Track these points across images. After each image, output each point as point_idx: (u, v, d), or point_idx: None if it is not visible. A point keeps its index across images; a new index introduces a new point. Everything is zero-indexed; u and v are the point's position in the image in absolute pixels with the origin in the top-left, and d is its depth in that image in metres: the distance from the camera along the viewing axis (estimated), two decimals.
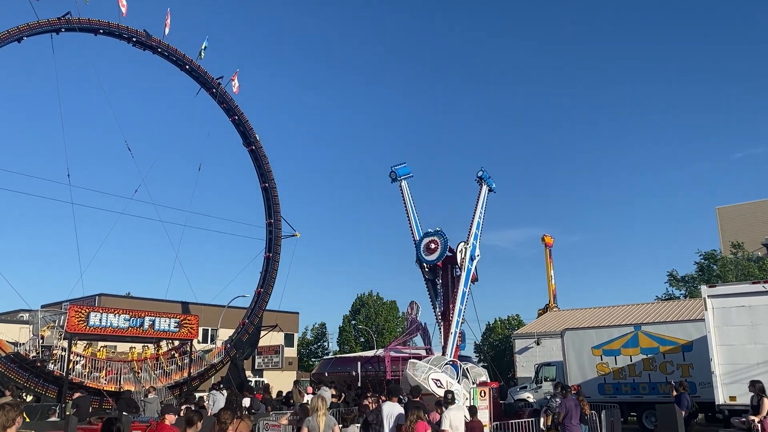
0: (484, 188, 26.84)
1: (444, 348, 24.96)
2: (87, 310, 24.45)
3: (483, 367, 44.41)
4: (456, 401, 12.84)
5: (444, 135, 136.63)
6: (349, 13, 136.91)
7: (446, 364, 20.66)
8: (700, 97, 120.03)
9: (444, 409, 11.05)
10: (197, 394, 25.17)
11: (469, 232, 25.64)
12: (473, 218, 26.06)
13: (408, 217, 26.81)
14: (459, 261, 25.02)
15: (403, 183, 27.42)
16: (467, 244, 25.27)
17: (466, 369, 22.88)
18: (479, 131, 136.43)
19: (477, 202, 26.55)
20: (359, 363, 28.81)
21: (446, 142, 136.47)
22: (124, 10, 30.11)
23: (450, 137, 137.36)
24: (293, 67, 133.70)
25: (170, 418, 7.81)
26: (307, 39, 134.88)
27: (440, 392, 18.34)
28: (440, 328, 27.82)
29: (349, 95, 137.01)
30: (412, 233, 26.29)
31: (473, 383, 21.59)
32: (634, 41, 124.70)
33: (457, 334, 25.01)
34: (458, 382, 19.64)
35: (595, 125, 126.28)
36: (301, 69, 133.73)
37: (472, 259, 25.32)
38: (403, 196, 27.32)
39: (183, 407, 17.28)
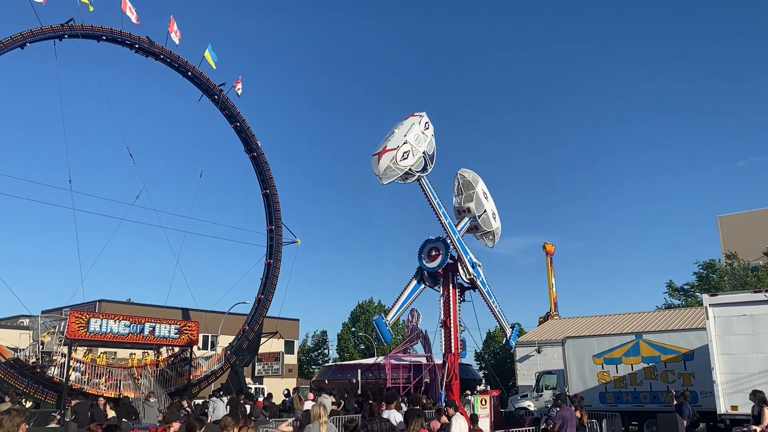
0: (508, 334, 27.82)
1: (446, 355, 24.93)
2: (87, 316, 24.46)
3: (484, 375, 44.47)
4: (453, 401, 12.85)
5: (444, 140, 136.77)
6: (351, 19, 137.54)
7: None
8: (703, 103, 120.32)
9: (447, 417, 11.04)
10: (197, 401, 25.15)
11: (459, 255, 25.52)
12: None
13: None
14: (461, 270, 25.02)
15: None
16: (463, 263, 25.18)
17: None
18: (480, 137, 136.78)
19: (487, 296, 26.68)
20: (359, 370, 28.75)
21: (446, 148, 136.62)
22: (133, 17, 30.25)
23: (450, 142, 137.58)
24: (294, 73, 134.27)
25: (175, 426, 7.79)
26: (307, 45, 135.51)
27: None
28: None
29: (351, 101, 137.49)
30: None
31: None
32: (637, 44, 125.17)
33: (458, 341, 24.97)
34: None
35: (597, 132, 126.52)
36: (302, 75, 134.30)
37: (474, 265, 25.33)
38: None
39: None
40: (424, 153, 23.85)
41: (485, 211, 27.11)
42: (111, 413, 16.37)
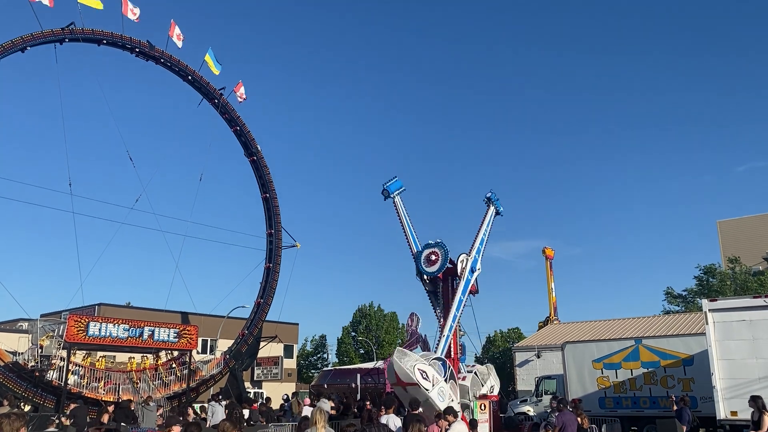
0: (491, 209, 26.49)
1: (446, 356, 24.90)
2: (86, 320, 24.41)
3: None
4: (452, 407, 12.81)
5: (445, 145, 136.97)
6: (352, 24, 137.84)
7: (435, 359, 20.57)
8: (703, 108, 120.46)
9: (447, 423, 11.02)
10: (196, 405, 25.10)
11: (472, 246, 25.56)
12: (477, 235, 25.87)
13: (404, 231, 26.09)
14: (459, 272, 24.95)
15: (397, 198, 26.23)
16: (469, 256, 25.17)
17: (473, 371, 23.57)
18: (480, 142, 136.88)
19: (482, 222, 26.29)
20: (359, 375, 28.70)
21: (447, 153, 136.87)
22: (135, 16, 30.27)
23: (451, 147, 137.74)
24: (295, 77, 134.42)
25: (176, 429, 7.78)
26: (308, 49, 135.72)
27: (425, 384, 18.34)
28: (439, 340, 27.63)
29: (351, 106, 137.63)
30: (410, 247, 26.12)
31: (480, 383, 22.34)
32: (638, 49, 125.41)
33: (457, 345, 24.91)
34: (446, 380, 19.47)
35: (597, 137, 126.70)
36: (302, 79, 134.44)
37: (472, 271, 25.27)
38: (397, 212, 26.25)
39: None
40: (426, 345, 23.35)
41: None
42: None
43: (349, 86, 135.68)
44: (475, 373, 24.82)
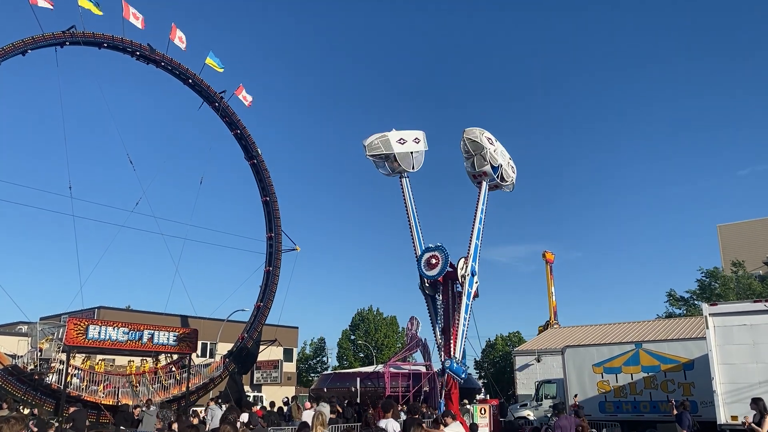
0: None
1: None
2: (86, 323, 24.41)
3: (483, 384, 44.34)
4: (449, 411, 12.77)
5: (446, 149, 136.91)
6: (353, 27, 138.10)
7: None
8: (705, 111, 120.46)
9: (444, 426, 10.99)
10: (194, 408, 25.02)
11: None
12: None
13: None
14: (459, 277, 24.95)
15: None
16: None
17: None
18: None
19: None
20: (358, 379, 28.68)
21: (448, 155, 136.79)
22: (139, 22, 30.39)
23: (452, 150, 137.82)
24: (295, 81, 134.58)
25: None
26: (308, 53, 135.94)
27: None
28: (439, 345, 27.56)
29: (353, 109, 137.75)
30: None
31: None
32: (640, 52, 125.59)
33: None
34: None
35: (598, 140, 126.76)
36: (303, 83, 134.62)
37: (473, 274, 25.26)
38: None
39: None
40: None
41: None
42: None
43: (350, 89, 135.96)
44: None
